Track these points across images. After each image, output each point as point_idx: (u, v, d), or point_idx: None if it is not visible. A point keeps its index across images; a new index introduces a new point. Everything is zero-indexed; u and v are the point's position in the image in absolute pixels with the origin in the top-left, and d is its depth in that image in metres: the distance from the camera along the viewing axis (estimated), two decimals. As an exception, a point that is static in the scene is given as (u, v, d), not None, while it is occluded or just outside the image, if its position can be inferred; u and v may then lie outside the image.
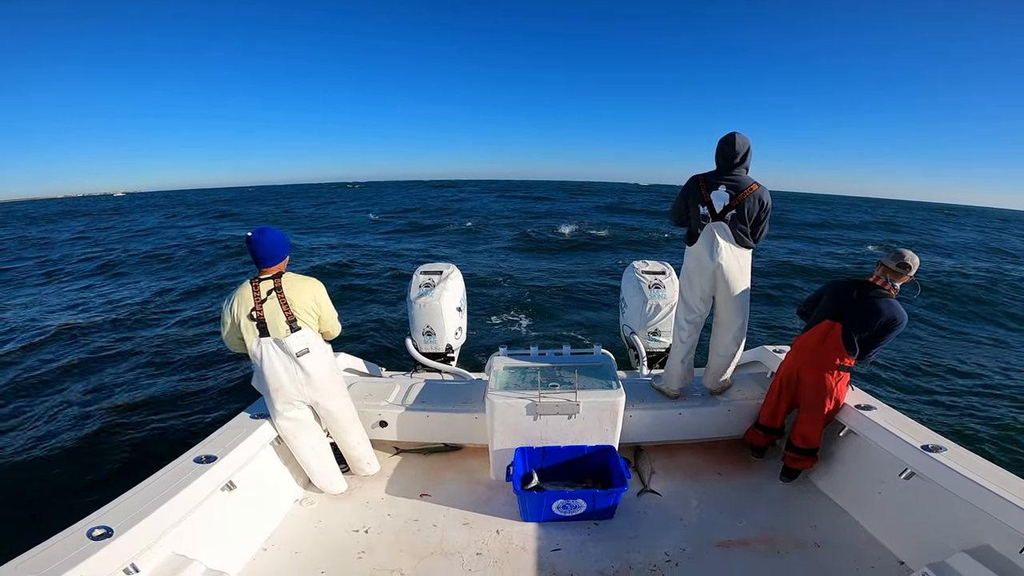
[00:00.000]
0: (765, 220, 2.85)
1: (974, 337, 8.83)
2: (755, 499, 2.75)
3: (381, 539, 2.48)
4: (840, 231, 27.87)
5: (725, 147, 2.77)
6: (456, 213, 29.71)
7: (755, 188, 2.76)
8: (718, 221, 2.83)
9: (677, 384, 3.18)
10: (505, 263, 13.86)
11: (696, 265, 2.96)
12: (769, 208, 2.82)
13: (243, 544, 2.38)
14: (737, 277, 2.89)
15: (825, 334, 2.66)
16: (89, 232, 26.64)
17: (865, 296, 2.60)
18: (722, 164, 2.81)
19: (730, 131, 2.78)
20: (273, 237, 2.53)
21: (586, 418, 2.74)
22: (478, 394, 3.19)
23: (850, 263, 16.16)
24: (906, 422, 2.54)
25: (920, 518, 2.27)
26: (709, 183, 2.83)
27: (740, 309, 2.98)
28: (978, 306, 11.38)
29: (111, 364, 7.04)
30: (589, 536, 2.48)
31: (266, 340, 2.46)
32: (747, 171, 2.81)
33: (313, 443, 2.73)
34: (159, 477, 2.15)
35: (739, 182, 2.77)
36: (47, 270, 15.42)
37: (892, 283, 2.60)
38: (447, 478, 2.98)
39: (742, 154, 2.74)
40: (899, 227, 32.55)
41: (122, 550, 1.77)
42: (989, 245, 24.98)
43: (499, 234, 20.60)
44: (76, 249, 19.94)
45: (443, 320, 4.16)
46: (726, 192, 2.78)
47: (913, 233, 29.40)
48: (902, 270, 2.56)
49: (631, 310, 4.25)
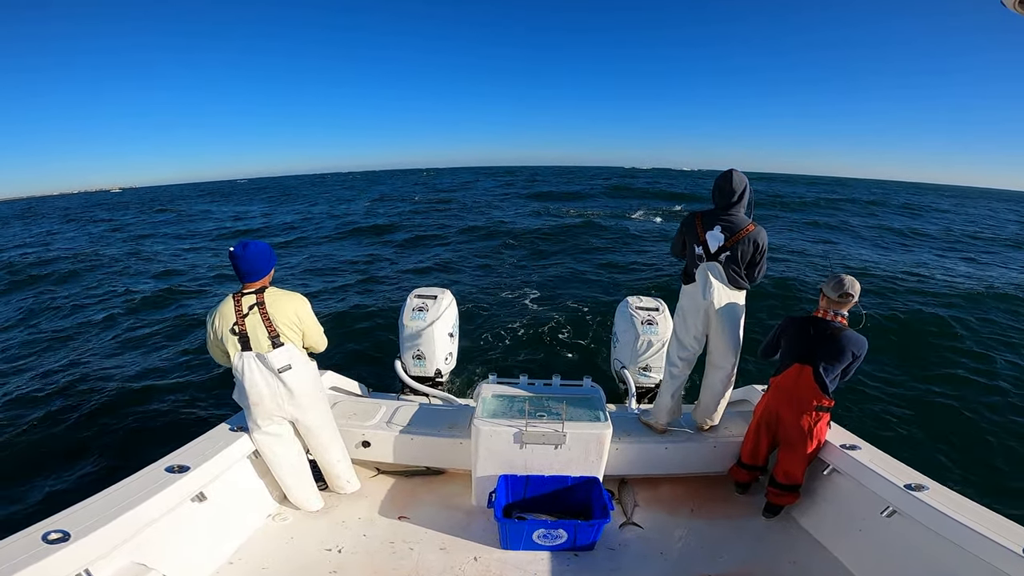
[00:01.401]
0: (761, 261, 2.85)
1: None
2: (736, 534, 2.71)
3: (354, 559, 2.41)
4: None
5: (723, 185, 2.78)
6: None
7: (750, 229, 2.76)
8: (712, 261, 2.85)
9: (665, 418, 3.16)
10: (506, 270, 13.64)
11: (690, 303, 2.98)
12: (764, 249, 2.82)
13: (209, 557, 2.31)
14: (728, 317, 2.91)
15: (797, 377, 2.68)
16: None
17: (823, 334, 2.62)
18: (719, 202, 2.83)
19: (728, 169, 2.80)
20: (256, 251, 2.47)
21: (572, 449, 2.72)
22: (464, 419, 3.15)
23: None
24: (890, 462, 2.54)
25: (900, 556, 2.27)
26: (705, 222, 2.86)
27: (731, 349, 2.98)
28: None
29: (84, 367, 6.91)
30: (569, 567, 2.42)
31: (248, 354, 2.43)
32: (744, 210, 2.83)
33: (291, 459, 2.68)
34: (127, 484, 2.11)
35: (734, 223, 2.78)
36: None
37: (839, 313, 2.63)
38: (427, 502, 2.92)
39: (739, 193, 2.76)
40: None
41: (78, 555, 1.73)
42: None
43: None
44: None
45: (434, 344, 4.16)
46: (721, 233, 2.80)
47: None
48: (845, 299, 2.59)
49: (623, 345, 4.26)
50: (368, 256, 14.46)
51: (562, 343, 7.51)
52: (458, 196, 36.09)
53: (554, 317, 8.42)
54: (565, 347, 7.37)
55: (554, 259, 13.79)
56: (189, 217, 30.37)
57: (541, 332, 7.90)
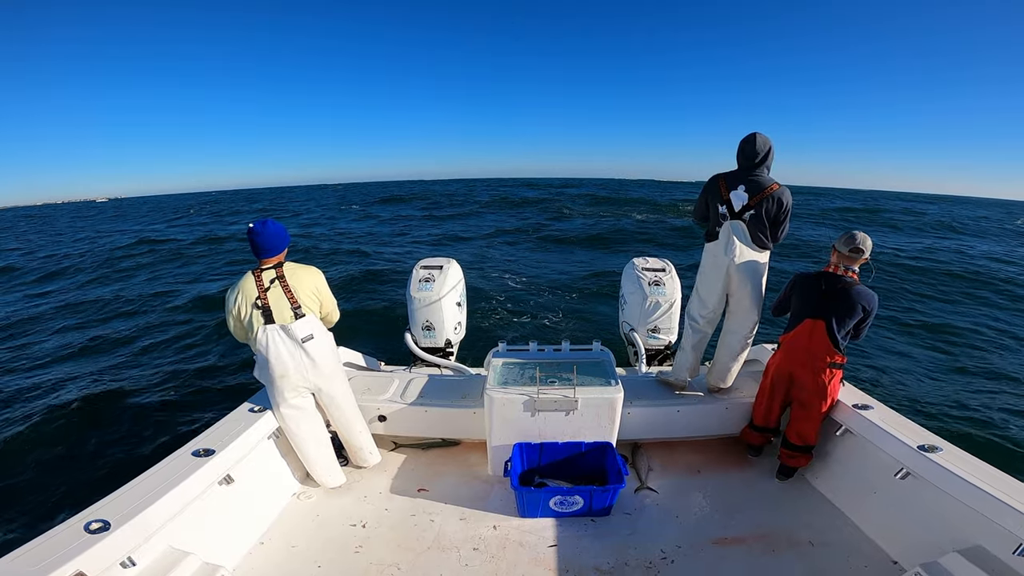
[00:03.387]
0: (785, 220, 2.85)
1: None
2: (751, 497, 2.76)
3: (378, 533, 2.49)
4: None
5: (745, 147, 2.79)
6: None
7: (775, 188, 2.76)
8: (736, 220, 2.85)
9: (684, 375, 3.21)
10: (508, 255, 13.75)
11: (712, 262, 2.99)
12: (789, 208, 2.81)
13: (240, 538, 2.39)
14: (750, 276, 2.90)
15: (810, 333, 2.68)
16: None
17: (834, 288, 2.63)
18: (743, 164, 2.84)
19: (751, 131, 2.80)
20: (275, 229, 2.58)
21: (584, 414, 2.75)
22: (477, 389, 3.18)
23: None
24: (903, 422, 2.54)
25: (914, 518, 2.28)
26: (729, 182, 2.86)
27: (752, 309, 2.98)
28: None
29: (107, 357, 7.04)
30: (586, 532, 2.49)
31: (271, 327, 2.49)
32: (768, 171, 2.83)
33: (315, 432, 2.75)
34: (157, 471, 2.15)
35: (759, 182, 2.79)
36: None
37: (850, 268, 2.63)
38: (445, 473, 2.99)
39: (763, 154, 2.76)
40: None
41: (119, 543, 1.78)
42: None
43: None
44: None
45: (442, 315, 4.15)
46: (745, 192, 2.80)
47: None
48: (856, 254, 2.59)
49: (631, 307, 4.24)
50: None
51: (570, 308, 7.51)
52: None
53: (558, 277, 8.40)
54: (573, 312, 7.38)
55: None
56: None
57: (548, 296, 7.89)
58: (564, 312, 8.01)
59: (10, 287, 12.97)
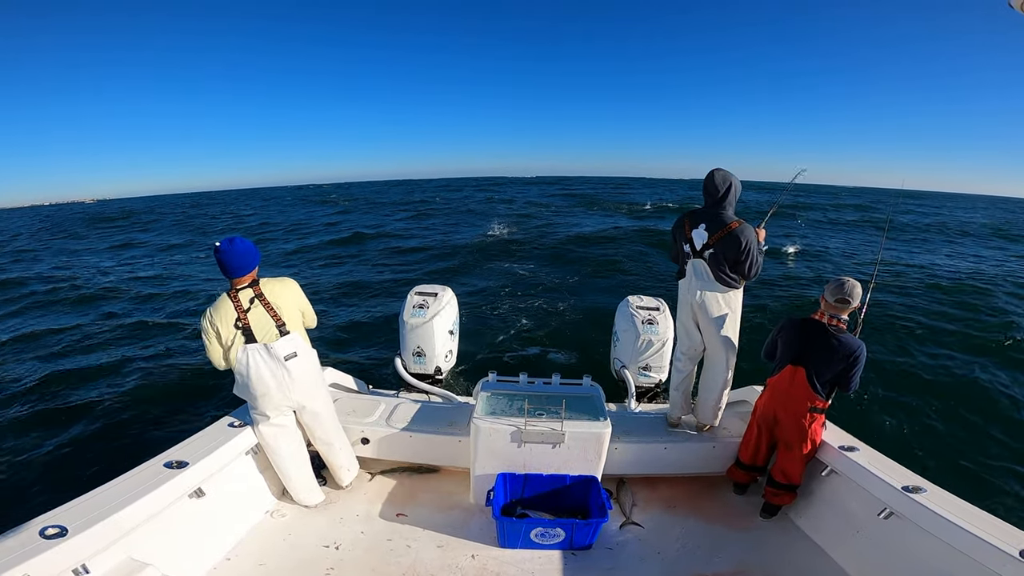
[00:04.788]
0: (749, 258, 2.80)
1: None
2: (733, 535, 2.72)
3: (352, 556, 2.41)
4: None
5: (707, 184, 2.85)
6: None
7: (733, 227, 2.75)
8: (698, 258, 2.89)
9: (676, 412, 3.23)
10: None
11: (681, 299, 3.07)
12: (749, 246, 2.77)
13: (206, 553, 2.32)
14: (714, 313, 2.91)
15: (791, 379, 2.69)
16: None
17: (816, 337, 2.63)
18: (706, 201, 2.90)
19: (713, 168, 2.84)
20: (243, 247, 2.46)
21: (571, 448, 2.72)
22: (463, 417, 3.15)
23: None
24: (888, 463, 2.54)
25: (897, 557, 2.27)
26: (692, 221, 2.91)
27: (722, 347, 2.98)
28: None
29: (84, 361, 6.92)
30: (566, 566, 2.42)
31: (252, 346, 2.44)
32: (731, 208, 2.86)
33: (293, 450, 2.69)
34: (125, 480, 2.11)
35: (718, 220, 2.81)
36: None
37: (837, 316, 2.60)
38: (424, 500, 2.92)
39: (723, 191, 2.80)
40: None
41: (74, 550, 1.73)
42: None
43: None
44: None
45: (434, 342, 4.14)
46: (705, 231, 2.84)
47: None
48: (843, 304, 2.57)
49: (623, 344, 4.25)
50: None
51: (563, 342, 7.50)
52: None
53: (557, 316, 8.41)
54: (565, 346, 7.36)
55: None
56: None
57: (540, 332, 7.89)
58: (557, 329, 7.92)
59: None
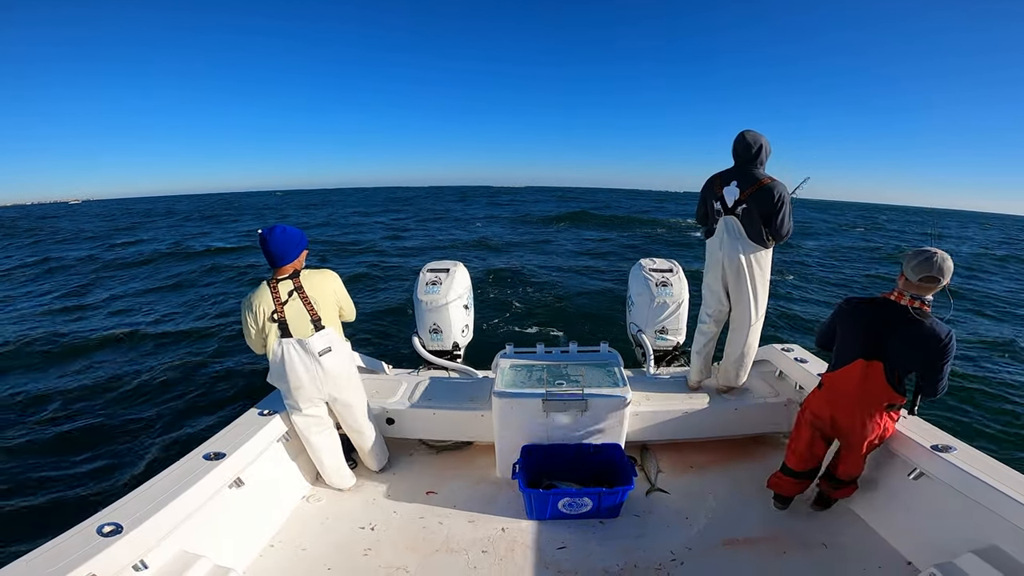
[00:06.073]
0: (781, 214, 2.75)
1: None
2: (761, 498, 2.73)
3: (387, 536, 2.50)
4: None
5: (737, 145, 2.83)
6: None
7: (766, 182, 2.75)
8: (729, 215, 2.86)
9: (695, 377, 3.24)
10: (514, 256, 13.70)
11: (710, 259, 3.04)
12: (784, 201, 2.74)
13: (250, 541, 2.41)
14: (744, 272, 2.88)
15: (862, 377, 2.21)
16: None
17: (897, 324, 2.12)
18: (736, 161, 2.88)
19: (742, 130, 2.82)
20: (286, 235, 2.45)
21: (592, 416, 2.74)
22: (484, 392, 3.19)
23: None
24: (917, 423, 2.50)
25: (928, 518, 2.25)
26: (724, 179, 2.89)
27: (749, 307, 2.95)
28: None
29: (117, 359, 7.12)
30: (595, 534, 2.48)
31: (287, 341, 2.45)
32: (762, 167, 2.84)
33: (326, 439, 2.76)
34: (169, 474, 2.17)
35: (750, 176, 2.80)
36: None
37: (921, 298, 2.09)
38: (453, 476, 2.99)
39: (754, 150, 2.78)
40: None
41: (132, 546, 1.79)
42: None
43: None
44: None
45: (449, 318, 4.16)
46: (736, 187, 2.82)
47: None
48: (931, 284, 2.06)
49: (638, 308, 4.22)
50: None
51: (578, 310, 7.49)
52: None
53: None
54: (581, 314, 7.36)
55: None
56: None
57: (555, 306, 7.86)
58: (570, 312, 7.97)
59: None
